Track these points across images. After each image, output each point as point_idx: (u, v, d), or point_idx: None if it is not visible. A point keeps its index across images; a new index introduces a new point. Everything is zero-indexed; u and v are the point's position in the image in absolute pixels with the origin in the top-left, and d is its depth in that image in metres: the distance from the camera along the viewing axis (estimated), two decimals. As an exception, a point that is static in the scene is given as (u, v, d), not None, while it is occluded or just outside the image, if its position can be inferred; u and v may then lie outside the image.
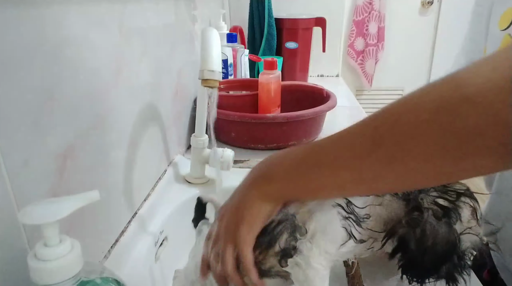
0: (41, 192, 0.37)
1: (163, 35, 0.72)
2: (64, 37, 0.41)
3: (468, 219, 0.37)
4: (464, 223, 0.36)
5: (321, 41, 1.53)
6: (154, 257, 0.59)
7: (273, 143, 0.91)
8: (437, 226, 0.36)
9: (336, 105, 0.97)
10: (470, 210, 0.37)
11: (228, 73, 1.13)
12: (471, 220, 0.37)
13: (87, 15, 0.45)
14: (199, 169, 0.75)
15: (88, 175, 0.46)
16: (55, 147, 0.39)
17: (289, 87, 1.08)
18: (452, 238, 0.36)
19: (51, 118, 0.39)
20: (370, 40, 2.45)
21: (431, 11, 2.47)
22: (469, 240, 0.36)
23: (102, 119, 0.49)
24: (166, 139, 0.75)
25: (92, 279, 0.31)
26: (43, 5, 0.37)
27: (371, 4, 2.37)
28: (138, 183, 0.61)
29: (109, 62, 0.51)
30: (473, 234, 0.36)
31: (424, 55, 2.57)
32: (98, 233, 0.49)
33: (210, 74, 0.59)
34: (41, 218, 0.28)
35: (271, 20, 1.40)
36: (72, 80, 0.42)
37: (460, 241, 0.36)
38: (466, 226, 0.36)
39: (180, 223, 0.67)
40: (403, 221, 0.37)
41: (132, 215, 0.59)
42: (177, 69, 0.81)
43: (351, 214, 0.37)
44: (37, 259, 0.29)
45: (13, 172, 0.33)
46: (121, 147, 0.55)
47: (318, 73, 1.73)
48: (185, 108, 0.89)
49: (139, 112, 0.61)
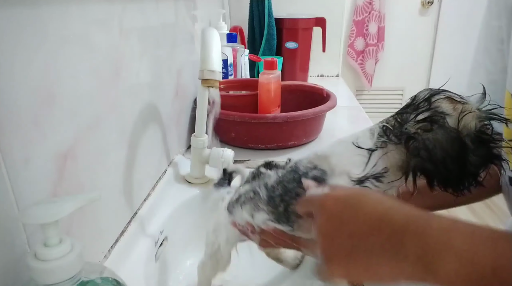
0: (41, 192, 0.37)
1: (163, 35, 0.72)
2: (64, 37, 0.41)
3: (452, 107, 0.37)
4: (452, 114, 0.37)
5: (321, 41, 1.53)
6: (154, 257, 0.59)
7: (273, 143, 0.91)
8: (434, 137, 0.36)
9: (336, 105, 0.97)
10: (447, 101, 0.38)
11: (228, 73, 1.13)
12: (455, 106, 0.37)
13: (87, 15, 0.45)
14: (199, 169, 0.75)
15: (88, 175, 0.46)
16: (55, 147, 0.39)
17: (289, 87, 1.08)
18: (453, 134, 0.36)
19: (51, 118, 0.39)
20: (370, 40, 2.45)
21: (431, 11, 2.47)
22: (469, 120, 0.36)
23: (102, 119, 0.49)
24: (166, 140, 0.75)
25: (92, 279, 0.31)
26: (43, 5, 0.37)
27: (371, 4, 2.37)
28: (138, 183, 0.61)
29: (109, 62, 0.51)
30: (468, 112, 0.36)
31: (424, 55, 2.57)
32: (98, 233, 0.49)
33: (210, 74, 0.59)
34: (41, 218, 0.28)
35: (271, 20, 1.40)
36: (72, 80, 0.42)
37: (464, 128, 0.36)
38: (456, 113, 0.37)
39: (180, 223, 0.67)
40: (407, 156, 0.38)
41: (132, 215, 0.59)
42: (177, 69, 0.81)
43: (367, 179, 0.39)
44: (37, 259, 0.29)
45: (13, 172, 0.33)
46: (121, 147, 0.55)
47: (318, 73, 1.73)
48: (185, 108, 0.89)
49: (139, 112, 0.61)
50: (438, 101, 0.38)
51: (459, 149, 0.36)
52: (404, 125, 0.38)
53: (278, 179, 0.45)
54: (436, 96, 0.38)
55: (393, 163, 0.39)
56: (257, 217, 0.46)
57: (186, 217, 0.69)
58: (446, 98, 0.38)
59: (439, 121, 0.36)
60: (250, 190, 0.48)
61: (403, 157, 0.39)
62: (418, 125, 0.37)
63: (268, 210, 0.45)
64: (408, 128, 0.38)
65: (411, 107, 0.39)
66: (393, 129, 0.39)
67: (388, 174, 0.39)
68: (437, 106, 0.37)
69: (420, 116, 0.38)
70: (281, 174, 0.46)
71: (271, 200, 0.45)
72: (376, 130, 0.41)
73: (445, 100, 0.38)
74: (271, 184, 0.46)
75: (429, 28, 2.50)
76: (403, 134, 0.38)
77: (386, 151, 0.39)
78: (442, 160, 0.36)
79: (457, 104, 0.37)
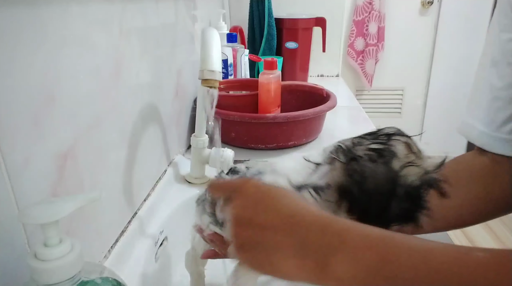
0: (41, 192, 0.37)
1: (163, 35, 0.72)
2: (64, 37, 0.41)
3: (405, 153, 0.37)
4: (401, 159, 0.37)
5: (321, 41, 1.53)
6: (154, 257, 0.59)
7: (273, 143, 0.91)
8: (374, 168, 0.36)
9: (336, 105, 0.97)
10: (404, 146, 0.38)
11: (228, 73, 1.13)
12: (408, 154, 0.37)
13: (87, 15, 0.45)
14: (199, 169, 0.75)
15: (88, 175, 0.46)
16: (55, 147, 0.39)
17: (289, 87, 1.08)
18: (391, 174, 0.36)
19: (51, 118, 0.39)
20: (370, 40, 2.45)
21: (431, 11, 2.47)
22: (412, 173, 0.37)
23: (102, 119, 0.49)
24: (166, 140, 0.75)
25: (92, 279, 0.31)
26: (43, 5, 0.37)
27: (371, 4, 2.37)
28: (138, 183, 0.61)
29: (109, 62, 0.51)
30: (415, 166, 0.37)
31: (424, 55, 2.57)
32: (98, 233, 0.49)
33: (210, 74, 0.59)
34: (41, 218, 0.28)
35: (271, 20, 1.40)
36: (72, 80, 0.42)
37: (402, 177, 0.36)
38: (405, 160, 0.37)
39: (180, 223, 0.67)
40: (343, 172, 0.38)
41: (132, 215, 0.59)
42: (177, 69, 0.81)
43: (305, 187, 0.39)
44: (37, 259, 0.29)
45: (13, 172, 0.33)
46: (121, 146, 0.55)
47: (318, 73, 1.73)
48: (185, 108, 0.89)
49: (139, 112, 0.61)
50: (397, 141, 0.38)
51: (388, 191, 0.36)
52: (355, 148, 0.39)
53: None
54: (398, 136, 0.39)
55: (336, 183, 0.39)
56: (203, 219, 0.47)
57: (186, 217, 0.69)
58: (405, 143, 0.38)
59: (386, 157, 0.37)
60: (203, 193, 0.49)
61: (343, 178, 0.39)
62: (367, 152, 0.38)
63: (210, 213, 0.46)
64: (357, 151, 0.38)
65: (372, 136, 0.40)
66: (344, 148, 0.39)
67: (328, 191, 0.39)
68: (393, 145, 0.38)
69: (373, 145, 0.38)
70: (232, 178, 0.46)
71: (212, 201, 0.45)
72: (329, 148, 0.41)
73: (403, 144, 0.38)
74: None
75: (429, 28, 2.50)
76: (350, 154, 0.38)
77: (333, 169, 0.39)
78: (369, 191, 0.36)
79: (411, 154, 0.38)
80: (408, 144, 0.38)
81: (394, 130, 0.39)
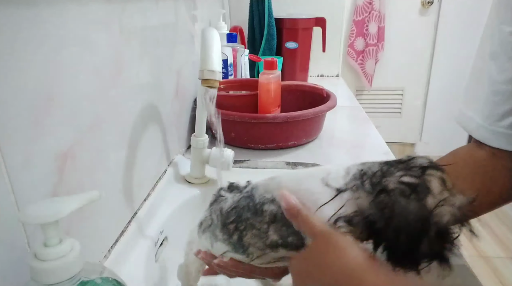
0: (41, 192, 0.37)
1: (163, 35, 0.72)
2: (64, 37, 0.41)
3: (439, 190, 0.34)
4: (436, 196, 0.34)
5: (321, 41, 1.53)
6: (154, 257, 0.59)
7: (273, 143, 0.91)
8: (406, 204, 0.34)
9: (336, 105, 0.97)
10: (439, 181, 0.35)
11: (228, 73, 1.13)
12: (443, 190, 0.34)
13: (87, 15, 0.45)
14: (199, 169, 0.75)
15: (88, 175, 0.46)
16: (55, 147, 0.39)
17: (289, 87, 1.08)
18: (424, 214, 0.33)
19: (51, 118, 0.39)
20: (370, 40, 2.45)
21: (431, 11, 2.47)
22: (447, 213, 0.34)
23: (102, 119, 0.49)
24: (166, 140, 0.75)
25: (92, 279, 0.31)
26: (43, 5, 0.37)
27: (371, 4, 2.37)
28: (138, 183, 0.61)
29: (109, 62, 0.51)
30: (449, 205, 0.34)
31: (424, 55, 2.57)
32: (98, 233, 0.49)
33: (210, 74, 0.59)
34: (41, 218, 0.28)
35: (271, 20, 1.40)
36: (72, 80, 0.42)
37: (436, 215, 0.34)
38: (439, 198, 0.34)
39: (180, 223, 0.67)
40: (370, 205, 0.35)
41: (132, 215, 0.59)
42: (177, 69, 0.81)
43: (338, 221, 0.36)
44: (37, 259, 0.29)
45: (13, 172, 0.33)
46: (121, 146, 0.55)
47: (318, 73, 1.73)
48: (185, 108, 0.89)
49: (139, 112, 0.61)
50: (432, 176, 0.35)
51: (420, 231, 0.34)
52: (385, 178, 0.35)
53: (233, 205, 0.43)
54: (433, 170, 0.35)
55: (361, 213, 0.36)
56: (215, 246, 0.45)
57: (186, 217, 0.69)
58: (440, 178, 0.35)
59: (420, 194, 0.34)
60: (209, 216, 0.46)
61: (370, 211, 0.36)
62: (399, 185, 0.34)
63: (223, 238, 0.43)
64: (388, 183, 0.35)
65: (402, 165, 0.36)
66: (372, 176, 0.36)
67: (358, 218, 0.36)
68: (428, 180, 0.35)
69: (405, 178, 0.35)
70: (236, 198, 0.43)
71: (225, 227, 0.43)
72: (352, 171, 0.38)
73: (439, 180, 0.35)
74: (225, 209, 0.44)
75: (429, 28, 2.50)
76: (379, 185, 0.35)
77: (358, 197, 0.36)
78: (398, 229, 0.34)
79: (446, 191, 0.35)
80: (443, 179, 0.35)
81: (427, 162, 0.36)
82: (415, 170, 0.35)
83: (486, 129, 0.50)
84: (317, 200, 0.37)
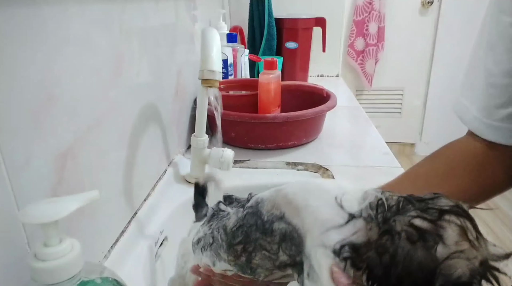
0: (41, 192, 0.37)
1: (163, 35, 0.72)
2: (64, 37, 0.41)
3: (455, 240, 0.30)
4: (450, 246, 0.30)
5: (321, 41, 1.53)
6: (154, 257, 0.59)
7: (273, 143, 0.91)
8: (411, 251, 0.30)
9: (336, 105, 0.97)
10: (457, 230, 0.30)
11: (228, 73, 1.13)
12: (461, 241, 0.30)
13: (87, 14, 0.45)
14: (199, 169, 0.75)
15: (88, 175, 0.46)
16: (55, 147, 0.39)
17: (289, 87, 1.08)
18: (432, 264, 0.29)
19: (51, 118, 0.39)
20: (370, 40, 2.45)
21: (431, 11, 2.47)
22: (460, 266, 0.29)
23: (102, 119, 0.49)
24: (166, 140, 0.75)
25: (92, 279, 0.31)
26: (43, 5, 0.37)
27: (371, 4, 2.37)
28: (138, 183, 0.61)
29: (109, 62, 0.51)
30: (466, 258, 0.29)
31: (424, 55, 2.57)
32: (98, 233, 0.49)
33: (210, 74, 0.59)
34: (41, 218, 0.28)
35: (271, 20, 1.40)
36: (72, 80, 0.42)
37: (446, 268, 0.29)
38: (455, 249, 0.30)
39: (180, 223, 0.67)
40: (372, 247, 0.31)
41: (132, 215, 0.59)
42: (177, 69, 0.81)
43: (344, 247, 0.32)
44: (37, 259, 0.29)
45: (13, 172, 0.33)
46: (121, 146, 0.55)
47: (318, 73, 1.73)
48: (185, 108, 0.89)
49: (139, 112, 0.61)
50: (449, 223, 0.30)
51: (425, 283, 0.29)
52: (396, 217, 0.31)
53: (238, 223, 0.40)
54: (452, 216, 0.31)
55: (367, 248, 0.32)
56: (218, 266, 0.42)
57: (186, 217, 0.69)
58: (461, 227, 0.30)
59: (429, 242, 0.30)
60: (209, 233, 0.43)
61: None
62: (407, 228, 0.30)
63: (229, 260, 0.40)
64: (396, 223, 0.31)
65: (420, 205, 0.32)
66: (387, 210, 0.32)
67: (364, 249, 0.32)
68: (442, 227, 0.30)
69: (417, 220, 0.31)
70: (241, 215, 0.40)
71: (231, 247, 0.40)
72: (370, 198, 0.33)
73: (457, 228, 0.30)
74: (230, 227, 0.40)
75: (429, 28, 2.50)
76: (387, 224, 0.31)
77: (369, 228, 0.32)
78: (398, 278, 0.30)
79: (465, 243, 0.30)
80: (463, 228, 0.30)
81: (451, 205, 0.31)
82: (431, 212, 0.31)
83: (481, 122, 0.49)
84: (325, 221, 0.33)
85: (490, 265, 0.29)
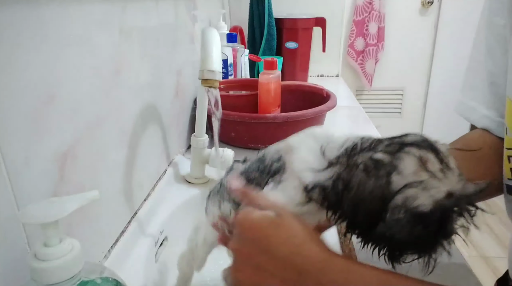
0: (41, 191, 0.37)
1: (163, 35, 0.72)
2: (64, 37, 0.41)
3: (412, 170, 0.30)
4: (407, 176, 0.30)
5: (321, 41, 1.53)
6: (154, 257, 0.59)
7: (273, 143, 0.91)
8: (363, 179, 0.31)
9: (336, 105, 0.97)
10: (415, 160, 0.30)
11: (228, 73, 1.13)
12: (419, 171, 0.30)
13: (87, 15, 0.45)
14: (199, 169, 0.75)
15: (88, 175, 0.46)
16: (55, 147, 0.39)
17: (289, 87, 1.08)
18: (382, 192, 0.30)
19: (51, 118, 0.39)
20: (370, 40, 2.45)
21: (431, 11, 2.47)
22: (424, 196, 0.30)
23: (102, 119, 0.49)
24: (166, 140, 0.75)
25: (92, 279, 0.31)
26: (43, 5, 0.37)
27: (371, 4, 2.37)
28: (138, 183, 0.61)
29: (109, 62, 0.51)
30: (424, 188, 0.30)
31: (424, 55, 2.56)
32: (98, 233, 0.49)
33: (210, 74, 0.58)
34: (41, 218, 0.28)
35: (271, 20, 1.40)
36: (72, 80, 0.42)
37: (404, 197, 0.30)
38: (412, 179, 0.30)
39: (180, 223, 0.67)
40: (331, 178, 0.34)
41: (132, 215, 0.59)
42: (177, 69, 0.81)
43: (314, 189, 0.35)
44: (37, 259, 0.29)
45: (13, 172, 0.33)
46: (121, 146, 0.55)
47: (318, 73, 1.73)
48: (185, 108, 0.89)
49: (139, 112, 0.61)
50: (407, 154, 0.31)
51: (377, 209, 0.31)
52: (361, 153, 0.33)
53: (244, 169, 0.44)
54: (412, 148, 0.31)
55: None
56: (223, 207, 0.45)
57: (186, 217, 0.69)
58: (419, 158, 0.30)
59: (380, 171, 0.31)
60: (218, 183, 0.47)
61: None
62: (366, 160, 0.32)
63: (230, 198, 0.43)
64: (359, 158, 0.32)
65: (388, 142, 0.33)
66: (360, 151, 0.33)
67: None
68: (400, 158, 0.31)
69: (378, 154, 0.31)
70: (248, 164, 0.44)
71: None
72: (347, 144, 0.35)
73: (415, 159, 0.30)
74: (238, 173, 0.44)
75: (429, 28, 2.50)
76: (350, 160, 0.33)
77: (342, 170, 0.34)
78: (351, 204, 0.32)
79: (423, 173, 0.30)
80: (422, 159, 0.30)
81: (414, 139, 0.32)
82: (393, 146, 0.32)
83: (492, 121, 0.51)
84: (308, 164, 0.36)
85: (461, 198, 0.30)
